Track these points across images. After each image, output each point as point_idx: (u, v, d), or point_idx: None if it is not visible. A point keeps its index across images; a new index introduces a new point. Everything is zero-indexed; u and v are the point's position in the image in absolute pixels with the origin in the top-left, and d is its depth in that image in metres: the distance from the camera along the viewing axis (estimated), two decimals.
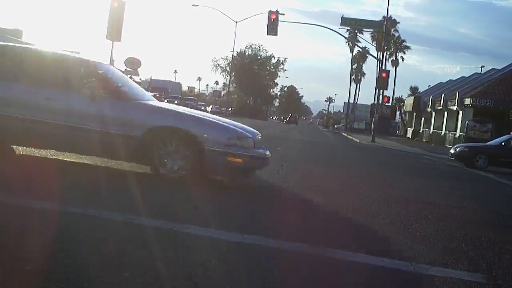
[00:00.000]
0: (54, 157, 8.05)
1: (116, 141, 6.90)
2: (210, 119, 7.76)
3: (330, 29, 53.66)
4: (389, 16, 41.95)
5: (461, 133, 41.52)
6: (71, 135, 7.02)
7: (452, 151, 21.37)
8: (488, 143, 22.75)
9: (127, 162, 7.65)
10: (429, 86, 74.10)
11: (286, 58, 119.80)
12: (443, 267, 4.72)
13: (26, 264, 3.37)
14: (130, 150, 6.95)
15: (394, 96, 79.73)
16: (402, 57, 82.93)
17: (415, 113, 62.22)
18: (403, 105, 74.05)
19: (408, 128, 65.43)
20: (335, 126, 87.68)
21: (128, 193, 6.15)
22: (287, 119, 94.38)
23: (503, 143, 20.60)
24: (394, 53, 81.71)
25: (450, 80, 65.50)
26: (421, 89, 79.84)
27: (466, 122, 40.12)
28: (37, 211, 4.76)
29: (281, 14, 35.62)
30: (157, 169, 7.08)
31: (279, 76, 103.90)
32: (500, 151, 20.14)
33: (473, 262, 5.12)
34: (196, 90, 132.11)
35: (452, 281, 4.33)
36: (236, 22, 60.35)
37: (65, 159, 8.01)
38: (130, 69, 40.69)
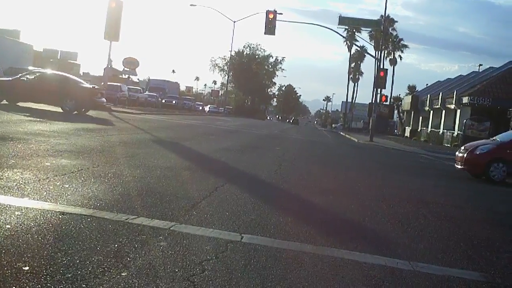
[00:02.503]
0: None
1: None
2: None
3: (328, 28, 53.70)
4: (387, 15, 42.06)
5: (459, 132, 41.55)
6: None
7: None
8: None
9: None
10: (427, 85, 74.13)
11: (284, 57, 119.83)
12: (441, 266, 4.73)
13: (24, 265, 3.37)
14: None
15: (392, 95, 79.95)
16: (400, 56, 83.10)
17: (413, 112, 62.24)
18: (401, 104, 74.09)
19: (406, 127, 65.43)
20: (333, 125, 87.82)
21: None
22: (291, 120, 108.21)
23: None
24: (392, 52, 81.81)
25: (448, 78, 65.49)
26: (419, 87, 79.94)
27: (464, 120, 40.13)
28: None
29: (279, 13, 35.66)
30: None
31: (277, 76, 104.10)
32: None
33: (471, 260, 5.13)
34: (194, 90, 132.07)
35: (450, 280, 4.34)
36: (234, 21, 60.43)
37: None
38: (128, 69, 40.73)
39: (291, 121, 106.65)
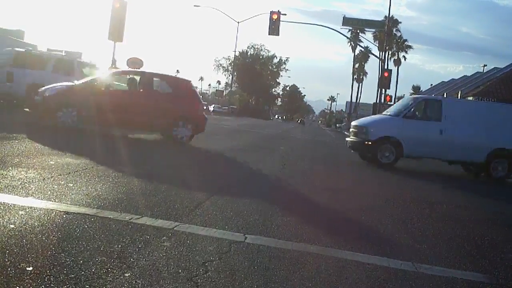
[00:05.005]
0: None
1: None
2: None
3: (332, 29, 53.79)
4: (391, 15, 41.94)
5: None
6: None
7: None
8: None
9: None
10: (431, 85, 73.89)
11: (288, 57, 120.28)
12: (445, 267, 4.72)
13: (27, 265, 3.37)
14: None
15: (397, 95, 79.47)
16: (404, 56, 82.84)
17: None
18: None
19: None
20: (337, 125, 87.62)
21: None
22: (298, 120, 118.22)
23: None
24: (396, 53, 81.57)
25: (453, 79, 65.28)
26: (424, 88, 79.65)
27: None
28: None
29: (282, 14, 35.63)
30: None
31: (281, 76, 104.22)
32: None
33: (475, 261, 5.11)
34: (198, 90, 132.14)
35: (454, 281, 4.32)
36: (238, 22, 60.42)
37: None
38: (132, 69, 40.74)
39: (299, 121, 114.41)
